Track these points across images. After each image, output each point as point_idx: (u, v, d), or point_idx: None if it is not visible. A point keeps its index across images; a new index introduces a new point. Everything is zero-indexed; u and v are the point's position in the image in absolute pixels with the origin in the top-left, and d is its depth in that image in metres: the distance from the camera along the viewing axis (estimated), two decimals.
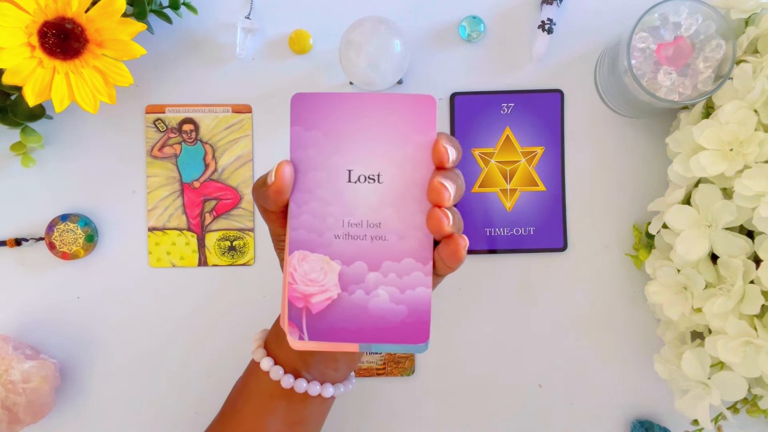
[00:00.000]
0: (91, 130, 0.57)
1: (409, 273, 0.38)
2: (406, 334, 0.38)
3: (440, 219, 0.37)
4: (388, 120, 0.38)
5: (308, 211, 0.38)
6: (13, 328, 0.57)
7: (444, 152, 0.37)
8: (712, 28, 0.49)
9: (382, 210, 0.38)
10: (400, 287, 0.38)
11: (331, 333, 0.38)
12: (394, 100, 0.38)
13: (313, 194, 0.38)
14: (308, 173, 0.38)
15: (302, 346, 0.39)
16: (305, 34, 0.56)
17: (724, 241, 0.46)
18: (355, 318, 0.38)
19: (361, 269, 0.38)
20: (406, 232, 0.38)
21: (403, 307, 0.38)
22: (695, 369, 0.47)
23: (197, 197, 0.57)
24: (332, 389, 0.45)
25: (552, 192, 0.57)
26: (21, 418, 0.52)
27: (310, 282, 0.38)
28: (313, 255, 0.38)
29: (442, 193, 0.36)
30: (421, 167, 0.38)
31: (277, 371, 0.44)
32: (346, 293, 0.38)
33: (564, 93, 0.57)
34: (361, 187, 0.38)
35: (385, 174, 0.38)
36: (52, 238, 0.55)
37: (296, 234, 0.38)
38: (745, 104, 0.46)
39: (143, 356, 0.58)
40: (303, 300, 0.38)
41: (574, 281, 0.57)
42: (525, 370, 0.58)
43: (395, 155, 0.38)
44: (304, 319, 0.38)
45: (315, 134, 0.38)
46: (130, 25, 0.49)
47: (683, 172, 0.48)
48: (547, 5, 0.55)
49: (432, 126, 0.38)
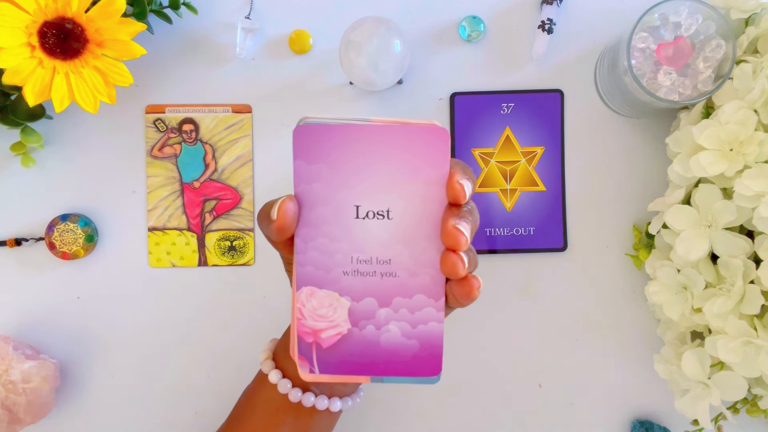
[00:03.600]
0: (91, 130, 0.57)
1: (421, 309, 0.37)
2: (418, 367, 0.38)
3: (455, 264, 0.35)
4: (398, 153, 0.36)
5: (315, 248, 0.37)
6: (13, 328, 0.57)
7: (459, 189, 0.35)
8: (712, 28, 0.49)
9: (392, 247, 0.37)
10: (411, 322, 0.37)
11: (342, 366, 0.38)
12: (404, 132, 0.35)
13: (319, 230, 0.37)
14: (314, 208, 0.37)
15: (313, 378, 0.38)
16: (305, 34, 0.56)
17: (724, 241, 0.46)
18: (366, 352, 0.38)
19: (371, 305, 0.37)
20: (417, 269, 0.37)
21: (415, 341, 0.37)
22: (695, 369, 0.47)
23: (197, 197, 0.57)
24: (340, 403, 0.44)
25: (552, 192, 0.57)
26: (21, 418, 0.52)
27: (319, 318, 0.38)
28: (322, 291, 0.37)
29: (458, 238, 0.35)
30: (433, 202, 0.36)
31: (285, 384, 0.44)
32: (357, 329, 0.38)
33: (564, 93, 0.57)
34: (370, 224, 0.37)
35: (395, 210, 0.37)
36: (52, 238, 0.55)
37: (303, 270, 0.37)
38: (745, 104, 0.46)
39: (143, 356, 0.58)
40: (312, 335, 0.38)
41: (574, 281, 0.57)
42: (525, 370, 0.58)
43: (405, 190, 0.36)
44: (314, 353, 0.38)
45: (319, 167, 0.36)
46: (130, 25, 0.49)
47: (683, 172, 0.48)
48: (547, 5, 0.55)
49: (445, 159, 0.36)
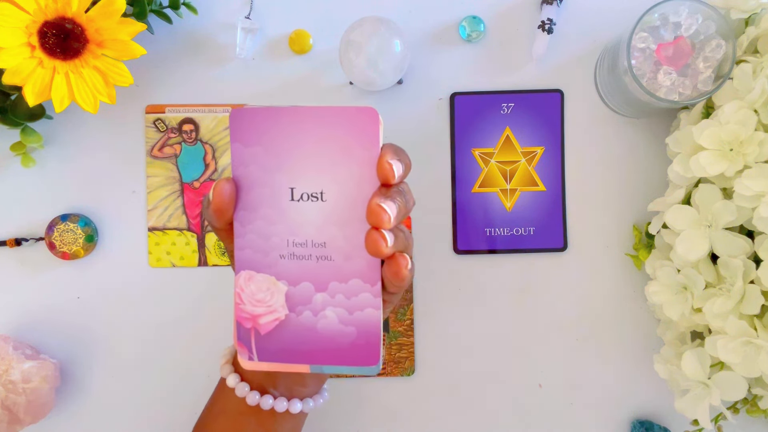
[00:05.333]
0: (91, 130, 0.57)
1: (357, 294, 0.37)
2: (356, 356, 0.37)
3: (377, 241, 0.35)
4: (330, 134, 0.36)
5: (253, 231, 0.37)
6: (13, 328, 0.57)
7: (389, 169, 0.35)
8: (712, 28, 0.49)
9: (326, 229, 0.37)
10: (348, 308, 0.37)
11: (281, 354, 0.38)
12: (335, 114, 0.36)
13: (257, 213, 0.37)
14: (251, 191, 0.37)
15: (252, 366, 0.38)
16: (305, 34, 0.56)
17: (724, 241, 0.46)
18: (304, 339, 0.38)
19: (308, 290, 0.37)
20: (352, 252, 0.37)
21: (352, 328, 0.37)
22: (695, 369, 0.47)
23: (197, 197, 0.57)
24: (300, 405, 0.44)
25: (552, 192, 0.57)
26: (21, 418, 0.52)
27: (257, 302, 0.38)
28: (260, 275, 0.37)
29: (381, 215, 0.34)
30: (366, 184, 0.36)
31: (242, 388, 0.43)
32: (294, 314, 0.37)
33: (564, 93, 0.57)
34: (305, 206, 0.37)
35: (329, 192, 0.36)
36: (52, 238, 0.55)
37: (242, 254, 0.37)
38: (745, 104, 0.46)
39: (143, 356, 0.58)
40: (251, 320, 0.38)
41: (574, 281, 0.57)
42: (525, 370, 0.58)
43: (338, 172, 0.36)
44: (253, 339, 0.38)
45: (256, 150, 0.36)
46: (130, 25, 0.49)
47: (683, 172, 0.48)
48: (547, 5, 0.55)
49: (375, 140, 0.36)
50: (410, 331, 0.57)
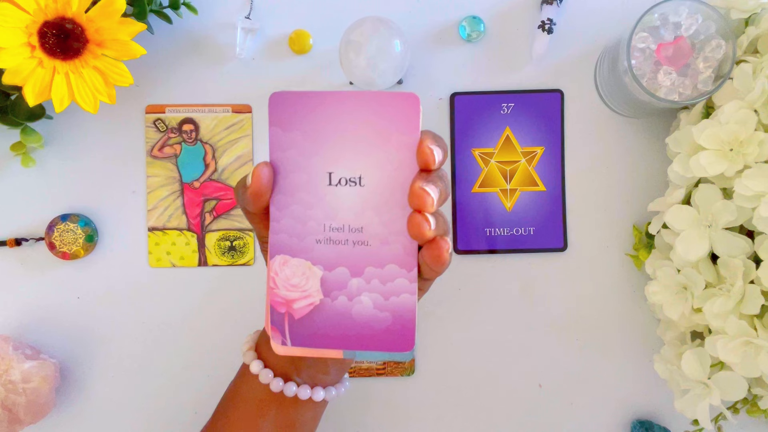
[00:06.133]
0: (91, 130, 0.57)
1: (393, 279, 0.37)
2: (390, 342, 0.37)
3: (420, 224, 0.35)
4: (370, 119, 0.36)
5: (289, 215, 0.37)
6: (13, 328, 0.57)
7: (429, 153, 0.35)
8: (712, 28, 0.49)
9: (364, 214, 0.37)
10: (383, 294, 0.37)
11: (314, 339, 0.38)
12: (376, 99, 0.36)
13: (294, 197, 0.37)
14: (288, 176, 0.37)
15: (285, 351, 0.38)
16: (305, 34, 0.56)
17: (724, 241, 0.46)
18: (338, 324, 0.37)
19: (343, 275, 0.37)
20: (389, 237, 0.37)
21: (387, 314, 0.37)
22: (695, 369, 0.47)
23: (197, 197, 0.57)
24: (323, 393, 0.44)
25: (552, 192, 0.57)
26: (21, 418, 0.52)
27: (292, 287, 0.38)
28: (295, 260, 0.37)
29: (424, 198, 0.35)
30: (405, 169, 0.36)
31: (266, 374, 0.43)
32: (329, 299, 0.37)
33: (564, 93, 0.57)
34: (343, 190, 0.37)
35: (367, 176, 0.36)
36: (52, 238, 0.55)
37: (277, 238, 0.37)
38: (745, 104, 0.46)
39: (143, 356, 0.58)
40: (285, 305, 0.38)
41: (574, 281, 0.57)
42: (525, 370, 0.58)
43: (377, 157, 0.36)
44: (287, 324, 0.38)
45: (294, 135, 0.37)
46: (130, 25, 0.49)
47: (683, 172, 0.48)
48: (547, 5, 0.55)
49: (415, 126, 0.36)
50: None
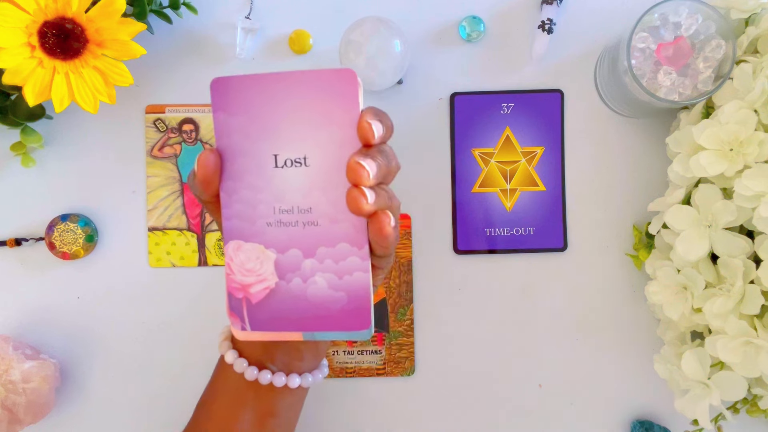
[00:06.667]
0: (91, 130, 0.57)
1: (345, 258, 0.37)
2: (347, 321, 0.37)
3: (357, 198, 0.34)
4: (311, 99, 0.36)
5: (239, 200, 0.37)
6: (13, 328, 0.57)
7: (368, 128, 0.35)
8: (712, 28, 0.49)
9: (311, 194, 0.37)
10: (337, 273, 0.37)
11: (273, 323, 0.38)
12: (315, 77, 0.35)
13: (242, 182, 0.37)
14: (236, 161, 0.37)
15: (245, 336, 0.38)
16: (305, 34, 0.56)
17: (724, 241, 0.46)
18: (295, 307, 0.37)
19: (296, 257, 0.37)
20: (337, 215, 0.37)
21: (342, 293, 0.37)
22: (695, 369, 0.47)
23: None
24: (299, 380, 0.44)
25: (552, 192, 0.57)
26: (21, 418, 0.52)
27: (247, 272, 0.38)
28: (248, 244, 0.37)
29: (359, 172, 0.34)
30: (348, 147, 0.36)
31: (240, 363, 0.43)
32: (284, 282, 0.37)
33: (564, 93, 0.57)
34: (289, 172, 0.37)
35: (312, 156, 0.36)
36: (52, 238, 0.55)
37: (229, 224, 0.38)
38: (745, 104, 0.46)
39: (143, 356, 0.58)
40: (242, 290, 0.38)
41: (574, 281, 0.57)
42: (525, 370, 0.58)
43: (320, 136, 0.36)
44: (245, 309, 0.38)
45: (238, 119, 0.36)
46: (130, 25, 0.49)
47: (683, 172, 0.48)
48: (547, 5, 0.55)
49: (355, 102, 0.35)
50: (410, 331, 0.57)
